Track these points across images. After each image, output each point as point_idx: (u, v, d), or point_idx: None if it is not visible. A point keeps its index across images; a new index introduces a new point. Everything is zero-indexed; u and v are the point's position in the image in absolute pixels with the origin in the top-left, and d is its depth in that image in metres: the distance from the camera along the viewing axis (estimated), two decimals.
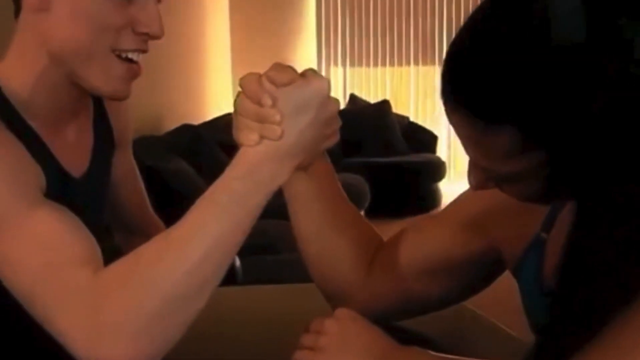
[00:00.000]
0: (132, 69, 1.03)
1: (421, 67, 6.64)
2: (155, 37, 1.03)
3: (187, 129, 4.29)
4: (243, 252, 1.06)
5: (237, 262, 2.60)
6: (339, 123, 0.96)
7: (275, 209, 1.04)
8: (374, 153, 5.81)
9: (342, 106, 6.09)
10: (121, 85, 1.03)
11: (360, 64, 6.66)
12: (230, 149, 0.94)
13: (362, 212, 4.66)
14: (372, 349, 0.86)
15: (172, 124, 4.40)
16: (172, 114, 4.61)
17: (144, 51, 1.03)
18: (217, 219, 0.87)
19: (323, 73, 6.45)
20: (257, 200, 0.88)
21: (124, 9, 0.99)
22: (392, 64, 6.64)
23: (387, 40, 6.59)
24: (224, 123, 5.10)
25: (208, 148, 4.17)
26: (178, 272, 0.85)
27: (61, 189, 0.99)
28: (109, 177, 1.19)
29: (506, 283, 1.10)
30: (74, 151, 1.09)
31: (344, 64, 6.63)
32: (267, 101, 0.86)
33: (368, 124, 5.89)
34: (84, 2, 0.97)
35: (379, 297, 1.08)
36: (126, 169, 1.29)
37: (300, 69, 0.91)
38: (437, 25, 6.51)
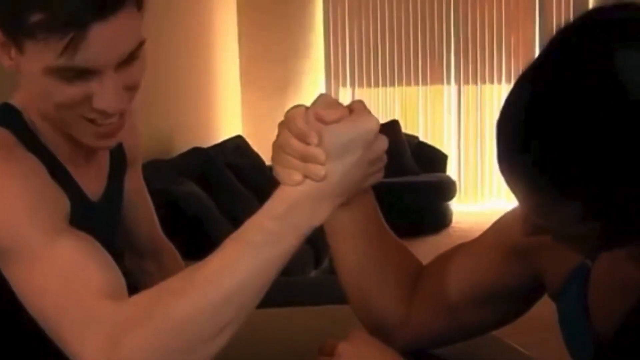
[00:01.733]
0: (107, 130, 1.00)
1: (429, 87, 6.65)
2: (109, 117, 0.98)
3: (197, 152, 4.30)
4: None
5: None
6: (385, 161, 0.90)
7: None
8: (384, 173, 5.80)
9: None
10: (103, 141, 1.01)
11: (368, 85, 6.67)
12: (239, 170, 0.93)
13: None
14: None
15: (182, 147, 4.41)
16: (182, 137, 4.62)
17: (108, 122, 0.99)
18: (248, 260, 0.83)
19: (332, 94, 6.48)
20: (292, 241, 0.84)
21: (76, 86, 0.94)
22: (400, 83, 6.65)
23: (395, 60, 6.61)
24: (233, 145, 5.11)
25: (218, 170, 4.18)
26: (202, 312, 0.82)
27: (81, 214, 0.99)
28: (122, 201, 1.20)
29: None
30: (91, 174, 1.10)
31: (352, 85, 6.65)
32: (314, 140, 0.82)
33: None
34: (37, 79, 0.94)
35: (424, 328, 1.06)
36: (136, 189, 1.29)
37: (309, 91, 0.90)
38: (445, 44, 6.52)
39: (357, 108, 0.86)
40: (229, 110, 5.83)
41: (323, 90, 6.39)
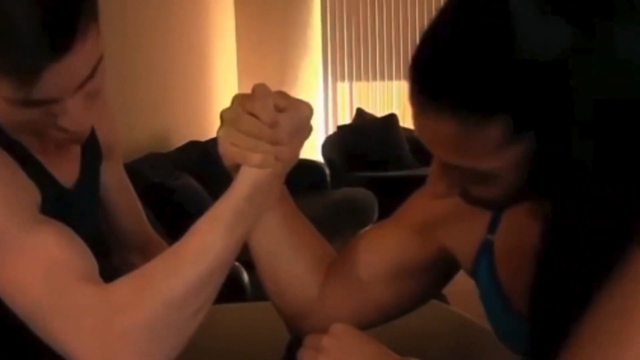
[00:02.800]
0: (78, 137, 0.99)
1: None
2: (73, 139, 0.97)
3: (194, 145, 4.30)
4: (252, 267, 1.06)
5: (246, 278, 2.60)
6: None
7: None
8: (381, 167, 5.81)
9: (349, 121, 6.12)
10: (72, 143, 1.03)
11: (366, 78, 6.67)
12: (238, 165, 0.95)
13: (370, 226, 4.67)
14: None
15: (179, 141, 4.41)
16: (179, 131, 4.62)
17: (74, 140, 0.98)
18: (224, 238, 0.90)
19: (329, 88, 6.48)
20: (254, 215, 0.94)
21: (39, 109, 0.91)
22: (398, 77, 6.65)
23: (394, 54, 6.61)
24: None
25: (215, 164, 4.17)
26: (190, 287, 0.87)
27: (56, 201, 0.99)
28: (98, 187, 1.19)
29: None
30: (63, 161, 1.09)
31: (350, 79, 6.65)
32: (279, 127, 0.91)
33: (375, 138, 5.89)
34: None
35: (337, 310, 1.08)
36: (118, 182, 1.28)
37: (307, 84, 0.95)
38: None
39: (291, 98, 0.96)
40: (226, 104, 5.80)
41: (321, 84, 6.39)
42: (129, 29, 3.89)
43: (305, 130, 0.97)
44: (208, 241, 0.90)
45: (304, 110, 0.96)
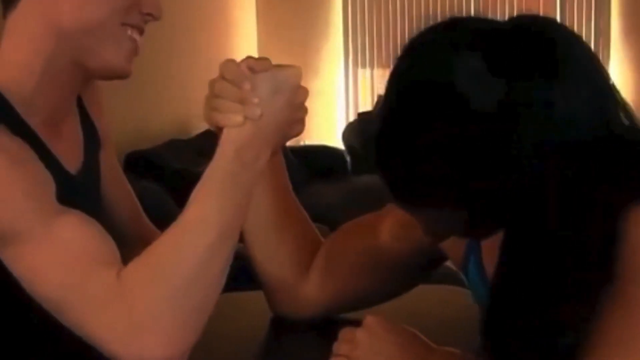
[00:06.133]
0: (136, 47, 1.07)
1: None
2: (156, 19, 1.07)
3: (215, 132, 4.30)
4: None
5: None
6: (306, 112, 1.03)
7: None
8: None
9: (370, 108, 6.10)
10: (127, 62, 1.06)
11: (387, 65, 6.61)
12: None
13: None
14: (408, 352, 0.86)
15: (200, 128, 4.42)
16: (201, 117, 4.60)
17: (143, 31, 1.07)
18: (220, 203, 0.91)
19: (350, 75, 6.44)
20: (247, 178, 0.94)
21: None
22: None
23: None
24: None
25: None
26: (200, 258, 0.88)
27: (63, 187, 0.99)
28: (99, 175, 1.19)
29: None
30: (68, 148, 1.09)
31: (371, 66, 6.61)
32: (247, 85, 0.93)
33: None
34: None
35: (315, 293, 1.11)
36: (112, 174, 1.26)
37: (327, 71, 0.97)
38: None
39: (283, 64, 0.99)
40: None
41: (342, 70, 6.36)
42: None
43: (291, 93, 0.98)
44: (207, 209, 0.91)
45: (287, 72, 0.98)
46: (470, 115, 0.75)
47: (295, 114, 1.01)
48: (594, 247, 0.73)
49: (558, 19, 6.11)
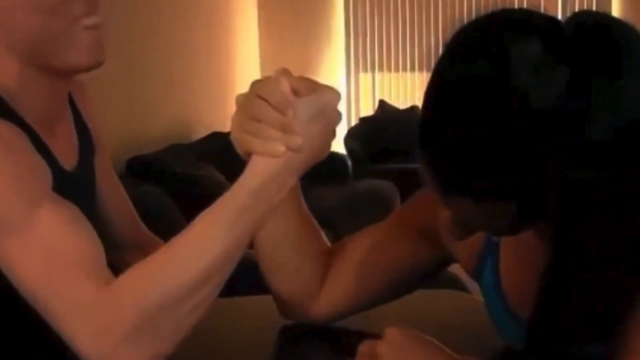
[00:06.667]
0: (96, 35, 1.00)
1: None
2: (96, 11, 0.99)
3: (216, 136, 4.31)
4: None
5: None
6: (334, 136, 0.94)
7: None
8: (403, 159, 5.80)
9: (371, 112, 6.10)
10: (92, 54, 1.00)
11: (389, 70, 6.63)
12: None
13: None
14: None
15: (202, 132, 4.42)
16: (202, 122, 4.63)
17: (95, 9, 1.00)
18: (224, 235, 0.86)
19: (352, 79, 6.45)
20: (263, 211, 0.88)
21: None
22: (421, 69, 6.61)
23: (417, 45, 6.57)
24: None
25: (238, 155, 4.18)
26: (188, 283, 0.85)
27: (59, 183, 0.98)
28: (94, 177, 1.18)
29: None
30: (63, 147, 1.08)
31: (372, 70, 6.61)
32: (291, 112, 0.85)
33: (397, 129, 5.87)
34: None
35: (332, 300, 1.09)
36: (107, 178, 1.25)
37: (329, 75, 0.91)
38: None
39: (320, 84, 0.90)
40: None
41: (344, 75, 6.36)
42: (151, 20, 3.90)
43: (329, 118, 0.89)
44: (208, 236, 0.86)
45: (328, 96, 0.89)
46: (529, 110, 0.71)
47: (329, 139, 0.92)
48: None
49: (559, 5, 6.13)
